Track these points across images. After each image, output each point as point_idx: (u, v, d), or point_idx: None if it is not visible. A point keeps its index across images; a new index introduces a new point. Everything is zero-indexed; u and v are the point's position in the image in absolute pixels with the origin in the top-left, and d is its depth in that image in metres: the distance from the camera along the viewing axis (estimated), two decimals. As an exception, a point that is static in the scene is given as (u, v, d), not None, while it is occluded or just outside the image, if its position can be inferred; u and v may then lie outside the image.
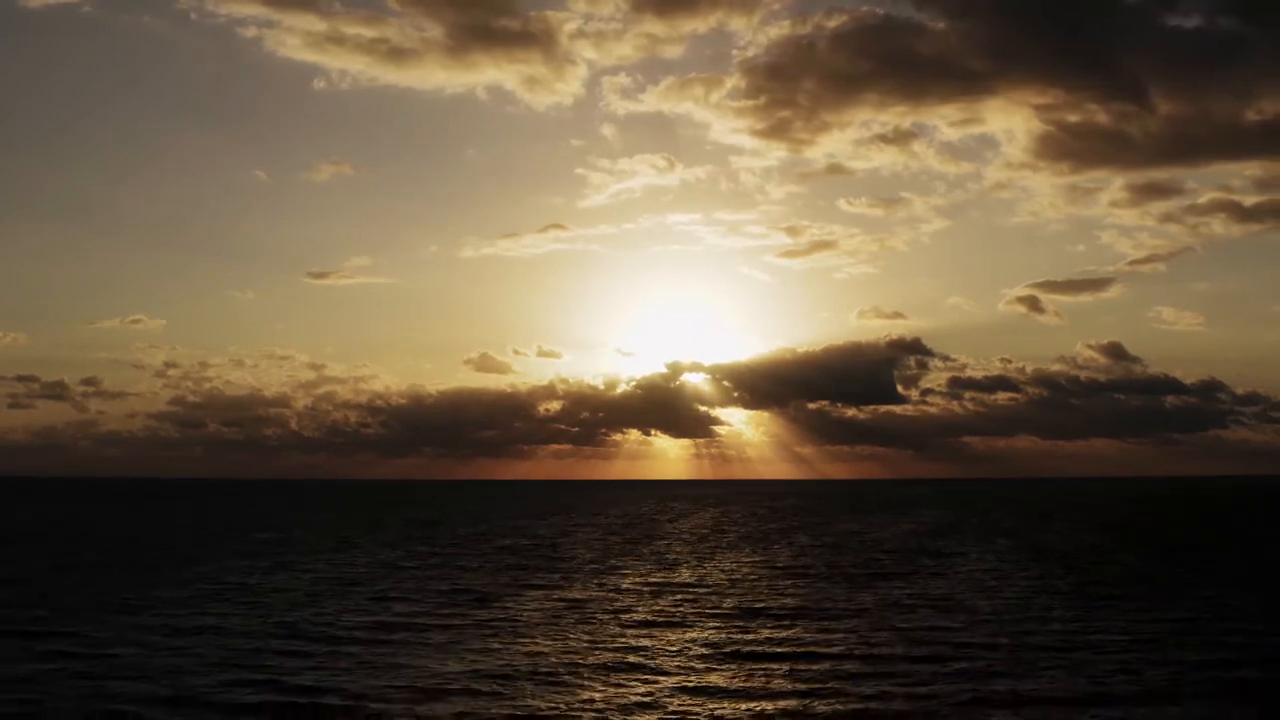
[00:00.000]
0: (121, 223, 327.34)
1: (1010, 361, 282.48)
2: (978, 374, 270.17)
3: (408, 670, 29.43)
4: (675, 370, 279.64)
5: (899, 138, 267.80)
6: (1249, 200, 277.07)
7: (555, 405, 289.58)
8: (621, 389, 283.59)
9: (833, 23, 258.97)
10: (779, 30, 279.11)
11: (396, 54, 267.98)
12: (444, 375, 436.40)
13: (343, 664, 30.32)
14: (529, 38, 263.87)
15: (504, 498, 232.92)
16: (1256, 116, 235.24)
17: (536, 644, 33.96)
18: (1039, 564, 61.58)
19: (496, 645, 33.68)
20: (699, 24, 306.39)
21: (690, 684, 28.06)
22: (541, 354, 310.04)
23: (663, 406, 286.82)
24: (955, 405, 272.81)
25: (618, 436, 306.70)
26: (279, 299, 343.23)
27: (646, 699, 26.11)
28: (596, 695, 26.47)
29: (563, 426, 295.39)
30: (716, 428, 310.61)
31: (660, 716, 24.42)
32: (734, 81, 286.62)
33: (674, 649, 33.35)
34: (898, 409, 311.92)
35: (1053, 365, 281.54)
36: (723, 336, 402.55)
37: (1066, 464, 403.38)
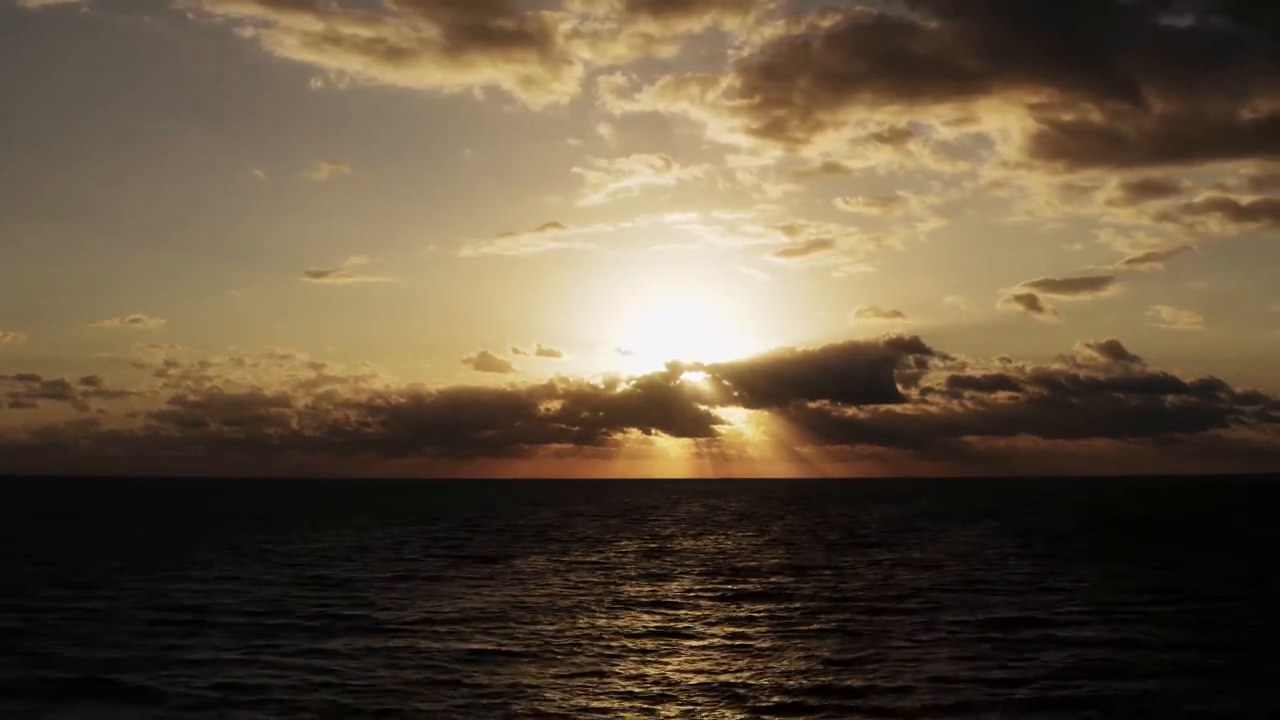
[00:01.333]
0: (120, 222, 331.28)
1: (1010, 361, 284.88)
2: (977, 373, 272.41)
3: (429, 605, 33.65)
4: (675, 369, 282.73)
5: (894, 137, 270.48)
6: (1245, 199, 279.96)
7: (555, 404, 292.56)
8: (621, 388, 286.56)
9: (826, 22, 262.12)
10: (773, 30, 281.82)
11: (393, 54, 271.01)
12: (444, 374, 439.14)
13: (371, 600, 34.53)
14: (525, 38, 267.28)
15: (507, 493, 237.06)
16: (1251, 115, 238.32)
17: (543, 589, 38.18)
18: (1019, 539, 65.65)
19: (506, 590, 37.89)
20: (693, 24, 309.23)
21: (681, 615, 32.28)
22: (541, 353, 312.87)
23: (663, 405, 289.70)
24: (955, 404, 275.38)
25: (618, 436, 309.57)
26: (278, 298, 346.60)
27: (643, 628, 30.27)
28: (600, 624, 30.62)
29: (563, 426, 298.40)
30: (717, 427, 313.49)
31: (656, 637, 28.61)
32: (729, 81, 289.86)
33: (666, 593, 37.59)
34: (898, 408, 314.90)
35: (1052, 364, 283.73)
36: (722, 335, 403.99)
37: (1068, 463, 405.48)
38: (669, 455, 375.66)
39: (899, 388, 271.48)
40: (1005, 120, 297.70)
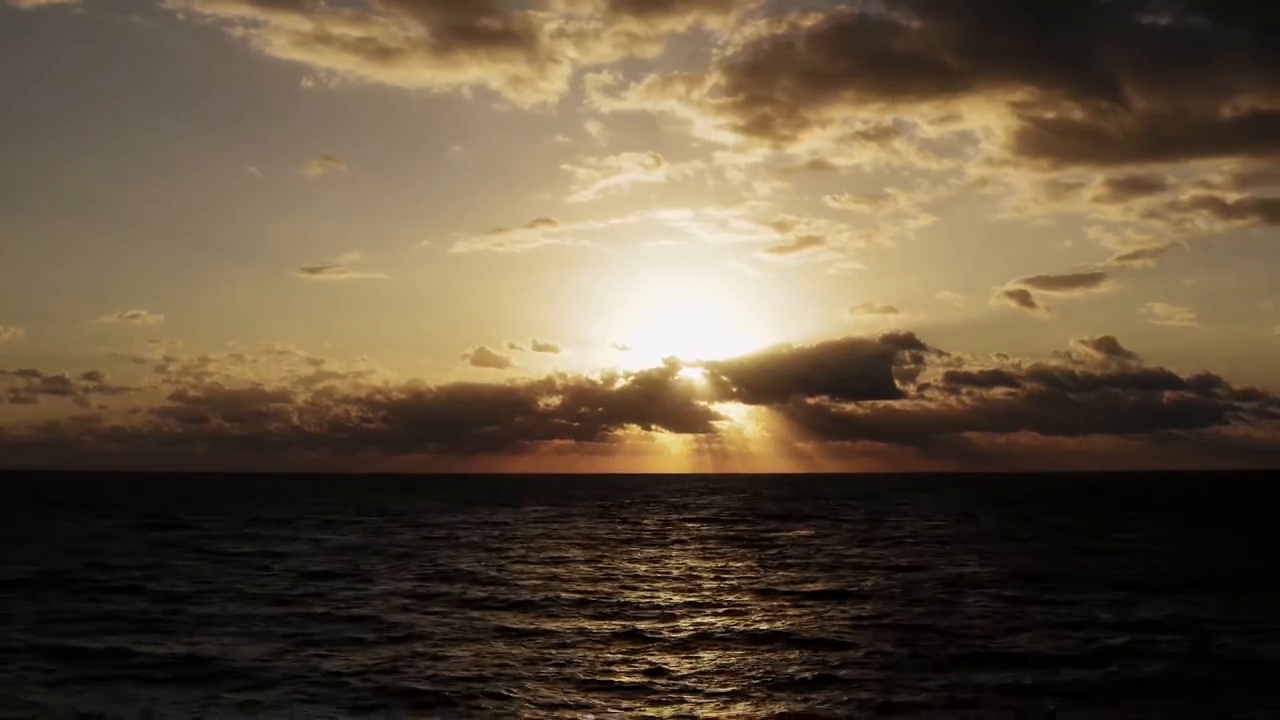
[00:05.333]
0: (118, 219, 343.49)
1: (1006, 357, 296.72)
2: (974, 369, 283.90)
3: (468, 520, 49.07)
4: (672, 365, 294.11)
5: (879, 134, 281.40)
6: (1230, 197, 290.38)
7: (555, 400, 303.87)
8: (619, 384, 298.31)
9: (808, 22, 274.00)
10: (754, 29, 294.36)
11: (382, 53, 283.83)
12: (442, 370, 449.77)
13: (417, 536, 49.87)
14: (511, 37, 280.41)
15: (510, 486, 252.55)
16: (1232, 112, 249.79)
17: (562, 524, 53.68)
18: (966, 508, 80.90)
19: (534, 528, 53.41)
20: (676, 23, 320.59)
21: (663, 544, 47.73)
22: (537, 348, 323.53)
23: (662, 401, 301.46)
24: (953, 400, 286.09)
25: (619, 432, 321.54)
26: (275, 294, 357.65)
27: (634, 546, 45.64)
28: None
29: (563, 421, 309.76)
30: (716, 423, 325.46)
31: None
32: (714, 79, 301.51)
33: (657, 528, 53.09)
34: (896, 404, 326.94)
35: (1049, 361, 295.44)
36: (718, 331, 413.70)
37: (1069, 460, 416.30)
38: (670, 451, 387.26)
39: (896, 384, 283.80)
40: (987, 118, 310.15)
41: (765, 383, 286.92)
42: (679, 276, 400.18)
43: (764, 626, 22.13)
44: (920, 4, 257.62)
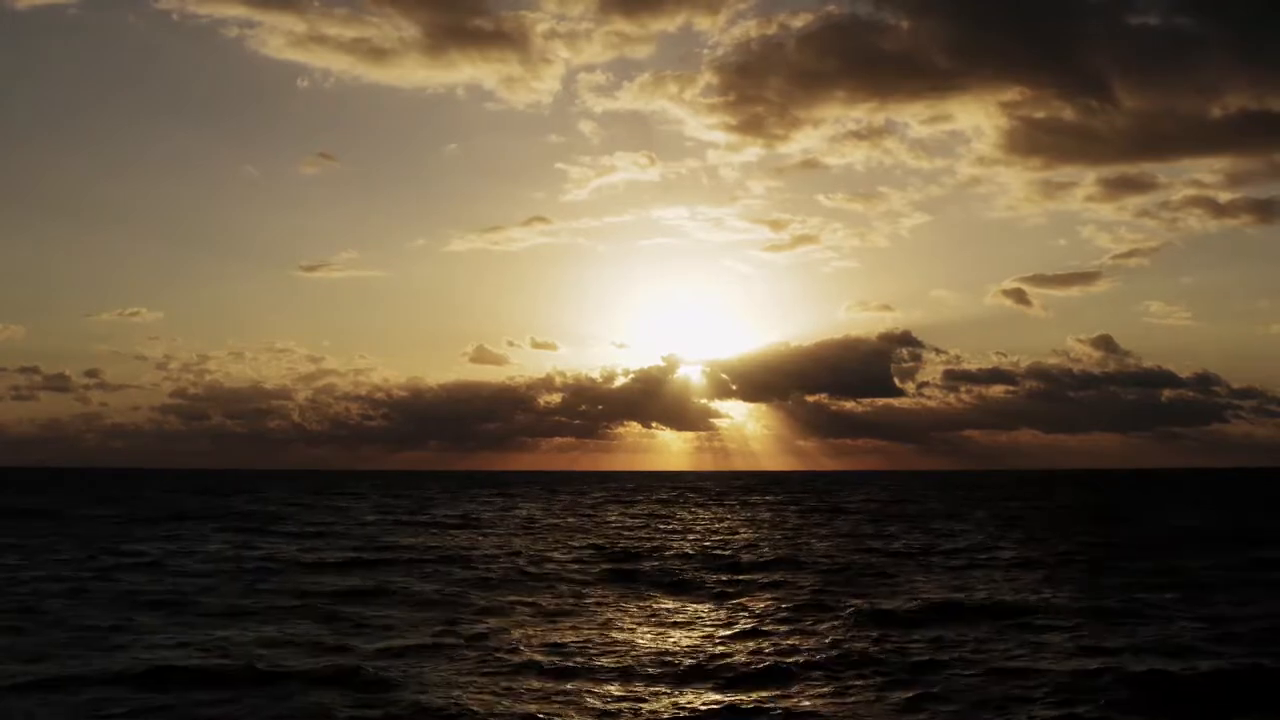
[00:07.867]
0: (116, 217, 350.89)
1: (1005, 355, 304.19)
2: (972, 367, 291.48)
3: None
4: (671, 363, 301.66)
5: (871, 134, 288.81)
6: (1223, 196, 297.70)
7: (554, 398, 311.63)
8: (619, 382, 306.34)
9: (798, 22, 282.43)
10: (744, 30, 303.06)
11: (377, 53, 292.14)
12: (442, 367, 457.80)
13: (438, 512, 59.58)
14: (503, 37, 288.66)
15: (515, 481, 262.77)
16: (1221, 112, 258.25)
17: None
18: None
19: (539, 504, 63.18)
20: (666, 24, 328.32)
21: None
22: (535, 346, 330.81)
23: (661, 399, 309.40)
24: (952, 398, 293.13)
25: (619, 429, 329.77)
26: (273, 292, 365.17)
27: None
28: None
29: (563, 419, 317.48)
30: (717, 421, 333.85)
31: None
32: (706, 79, 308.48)
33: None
34: (895, 402, 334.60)
35: (1048, 359, 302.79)
36: (716, 329, 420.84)
37: (1072, 458, 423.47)
38: (671, 449, 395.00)
39: (895, 382, 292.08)
40: (978, 118, 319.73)
41: (764, 380, 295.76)
42: (676, 274, 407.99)
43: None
44: (909, 4, 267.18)
